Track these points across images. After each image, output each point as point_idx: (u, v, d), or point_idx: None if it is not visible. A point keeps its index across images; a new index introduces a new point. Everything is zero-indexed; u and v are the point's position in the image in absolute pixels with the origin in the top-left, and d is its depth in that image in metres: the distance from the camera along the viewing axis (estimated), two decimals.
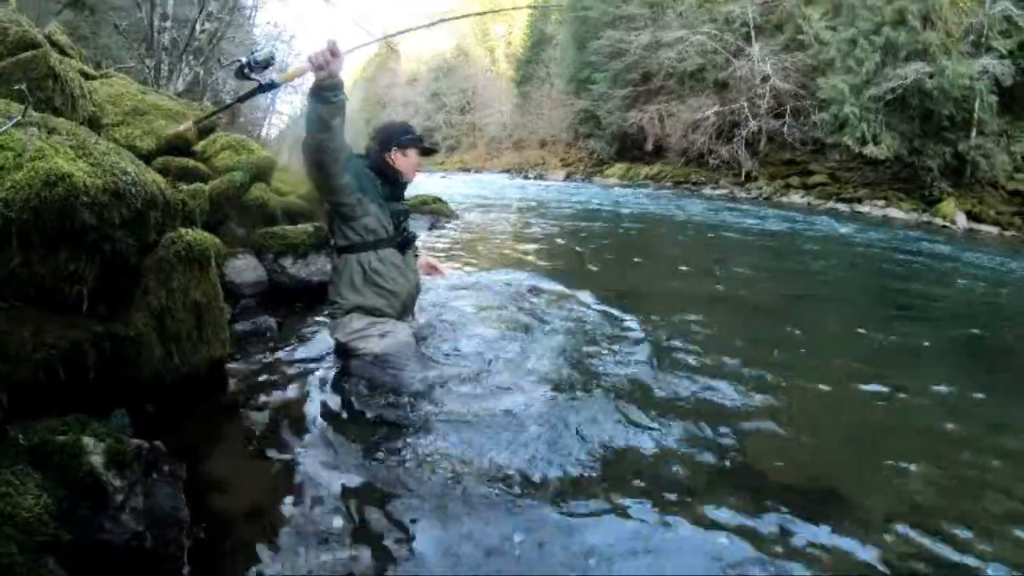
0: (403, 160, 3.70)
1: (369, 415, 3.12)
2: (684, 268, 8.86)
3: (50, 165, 1.85)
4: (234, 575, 1.96)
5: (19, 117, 2.01)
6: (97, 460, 1.79)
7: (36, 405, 1.94)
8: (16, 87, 2.25)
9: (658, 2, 37.74)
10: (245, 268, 4.88)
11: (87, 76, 4.89)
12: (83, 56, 7.32)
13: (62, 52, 5.33)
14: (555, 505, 2.44)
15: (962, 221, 20.93)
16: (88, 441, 1.82)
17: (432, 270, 4.33)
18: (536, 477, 2.63)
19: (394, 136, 3.71)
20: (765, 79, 30.46)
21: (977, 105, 21.99)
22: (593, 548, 2.20)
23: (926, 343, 5.42)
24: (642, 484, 2.63)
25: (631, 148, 38.95)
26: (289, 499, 2.35)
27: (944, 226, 20.43)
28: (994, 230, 20.41)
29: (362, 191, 3.42)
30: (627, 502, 2.49)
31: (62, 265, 1.99)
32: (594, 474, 2.67)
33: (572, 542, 2.23)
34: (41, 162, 1.85)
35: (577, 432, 3.01)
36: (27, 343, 1.97)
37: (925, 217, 21.73)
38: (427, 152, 3.91)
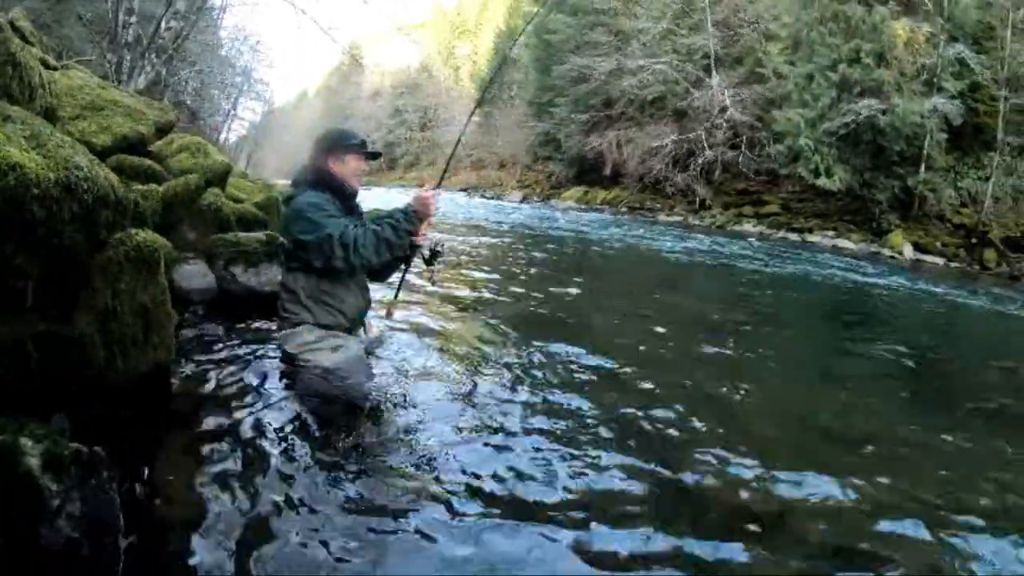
0: (343, 168, 3.65)
1: (315, 427, 3.10)
2: (632, 291, 8.99)
3: (1, 154, 1.81)
4: None
5: None
6: (34, 463, 1.74)
7: None
8: None
9: (623, 30, 38.28)
10: (195, 274, 4.79)
11: (47, 66, 4.77)
12: (45, 45, 7.16)
13: (24, 39, 5.17)
14: (498, 519, 2.45)
15: (909, 252, 21.59)
16: (26, 443, 1.76)
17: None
18: (480, 491, 2.63)
19: (332, 144, 3.69)
20: (723, 110, 31.05)
21: (927, 142, 22.82)
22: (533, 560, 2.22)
23: (869, 365, 5.57)
24: (584, 502, 2.65)
25: (589, 172, 39.26)
26: (229, 508, 2.32)
27: (892, 256, 21.08)
28: (940, 261, 21.11)
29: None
30: (570, 516, 2.51)
31: (7, 258, 1.94)
32: (543, 493, 2.68)
33: (517, 557, 2.24)
34: None
35: (523, 447, 3.03)
36: None
37: (874, 248, 22.38)
38: (370, 157, 3.86)
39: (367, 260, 3.37)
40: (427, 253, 3.78)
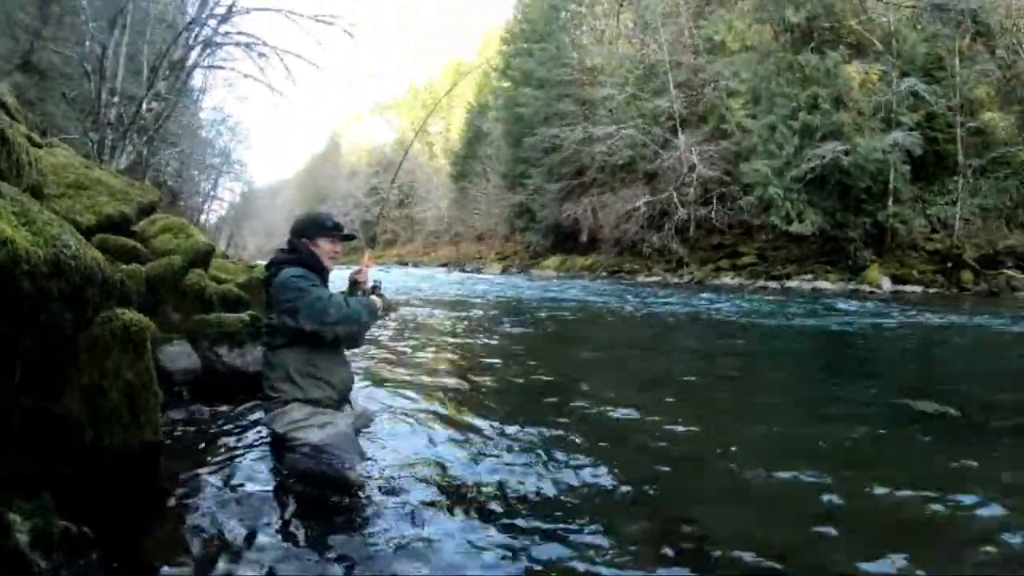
0: (316, 250, 3.78)
1: (304, 506, 3.09)
2: (615, 353, 9.04)
3: None
4: None
5: None
6: (23, 539, 1.75)
7: None
8: None
9: (589, 99, 39.23)
10: (179, 355, 4.81)
11: (33, 143, 4.86)
12: (29, 121, 7.25)
13: (9, 114, 5.27)
14: None
15: (887, 284, 21.94)
16: (15, 518, 1.77)
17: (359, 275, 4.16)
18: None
19: (305, 228, 3.85)
20: (692, 168, 31.58)
21: (892, 176, 23.46)
22: None
23: (858, 403, 5.60)
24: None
25: (566, 240, 39.69)
26: None
27: (871, 291, 21.31)
28: (918, 289, 21.42)
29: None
30: None
31: None
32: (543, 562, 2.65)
33: None
34: None
35: (521, 527, 2.98)
36: None
37: (852, 285, 22.66)
38: (344, 239, 3.98)
39: (349, 324, 3.60)
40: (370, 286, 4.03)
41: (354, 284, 4.02)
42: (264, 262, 9.38)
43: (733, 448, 4.08)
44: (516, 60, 46.94)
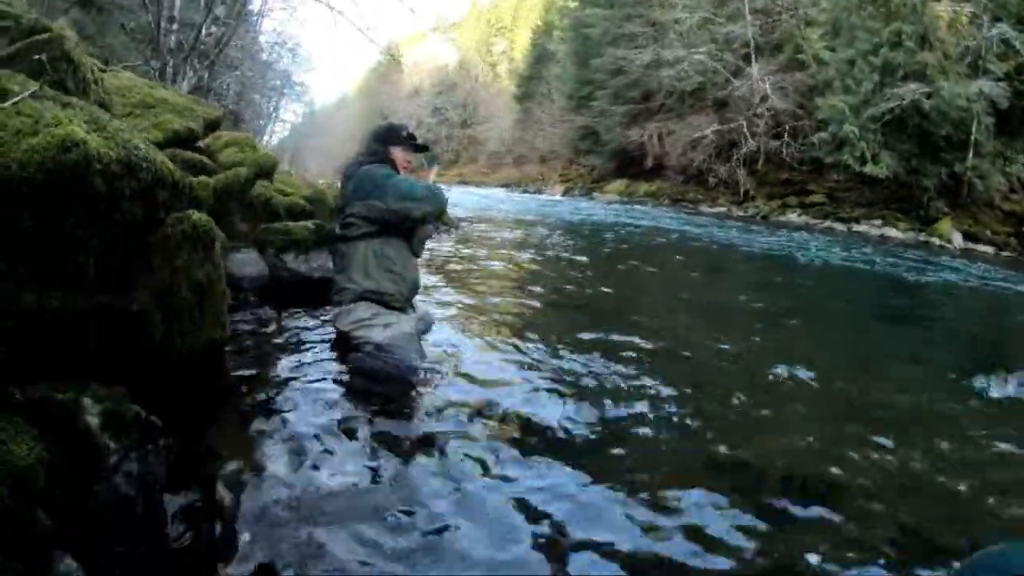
0: (392, 159, 3.85)
1: (368, 404, 3.13)
2: (675, 280, 8.95)
3: (66, 131, 1.88)
4: (217, 554, 1.95)
5: (36, 88, 2.05)
6: (94, 421, 1.80)
7: (35, 371, 1.93)
8: (35, 57, 2.29)
9: (659, 21, 37.95)
10: (247, 262, 4.91)
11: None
12: (90, 53, 7.36)
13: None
14: (562, 497, 2.46)
15: (958, 240, 21.10)
16: (87, 402, 1.83)
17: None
18: (538, 469, 2.65)
19: (384, 136, 3.92)
20: (764, 99, 30.65)
21: (974, 127, 22.11)
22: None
23: (920, 352, 5.47)
24: (634, 474, 2.67)
25: (630, 165, 39.03)
26: (280, 483, 2.36)
27: (941, 245, 20.59)
28: (990, 249, 20.60)
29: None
30: (621, 488, 2.52)
31: (70, 231, 2.01)
32: (599, 476, 2.66)
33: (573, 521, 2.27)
34: (57, 128, 1.88)
35: (578, 428, 3.05)
36: (31, 308, 1.99)
37: (922, 236, 21.88)
38: (418, 149, 4.05)
39: (435, 201, 3.71)
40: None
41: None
42: (324, 181, 9.51)
43: (780, 386, 4.05)
44: None
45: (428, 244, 4.44)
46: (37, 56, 2.26)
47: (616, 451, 2.83)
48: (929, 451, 3.12)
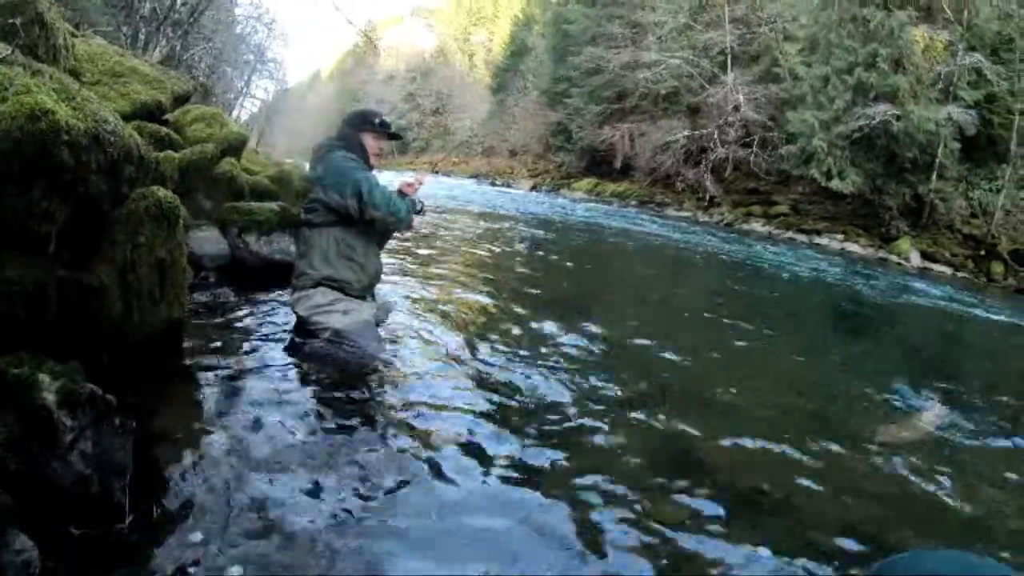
0: (364, 143, 3.84)
1: (321, 387, 3.16)
2: (635, 279, 9.05)
3: (35, 100, 1.86)
4: (173, 530, 1.95)
5: (7, 53, 2.02)
6: (50, 398, 1.79)
7: None
8: (10, 22, 2.25)
9: (640, 23, 38.09)
10: (208, 240, 4.86)
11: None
12: (62, 15, 7.21)
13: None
14: (506, 481, 2.52)
15: (916, 259, 21.57)
16: (44, 378, 1.81)
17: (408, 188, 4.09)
18: (489, 456, 2.70)
19: (355, 122, 3.89)
20: (737, 108, 30.94)
21: (940, 150, 22.59)
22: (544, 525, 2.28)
23: (871, 360, 5.60)
24: (593, 478, 2.69)
25: (600, 164, 39.15)
26: (235, 462, 2.36)
27: (899, 263, 21.09)
28: (947, 270, 21.08)
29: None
30: (582, 491, 2.56)
31: (35, 202, 1.99)
32: (548, 458, 2.74)
33: (530, 521, 2.29)
34: (26, 96, 1.86)
35: (529, 414, 3.11)
36: None
37: (881, 253, 22.34)
38: (390, 137, 4.06)
39: (395, 213, 3.60)
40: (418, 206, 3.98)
41: (400, 193, 3.95)
42: (291, 160, 9.42)
43: (732, 386, 4.13)
44: None
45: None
46: (11, 20, 2.21)
47: (560, 452, 2.85)
48: (863, 462, 3.21)
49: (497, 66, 64.22)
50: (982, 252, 21.96)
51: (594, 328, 5.02)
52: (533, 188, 40.19)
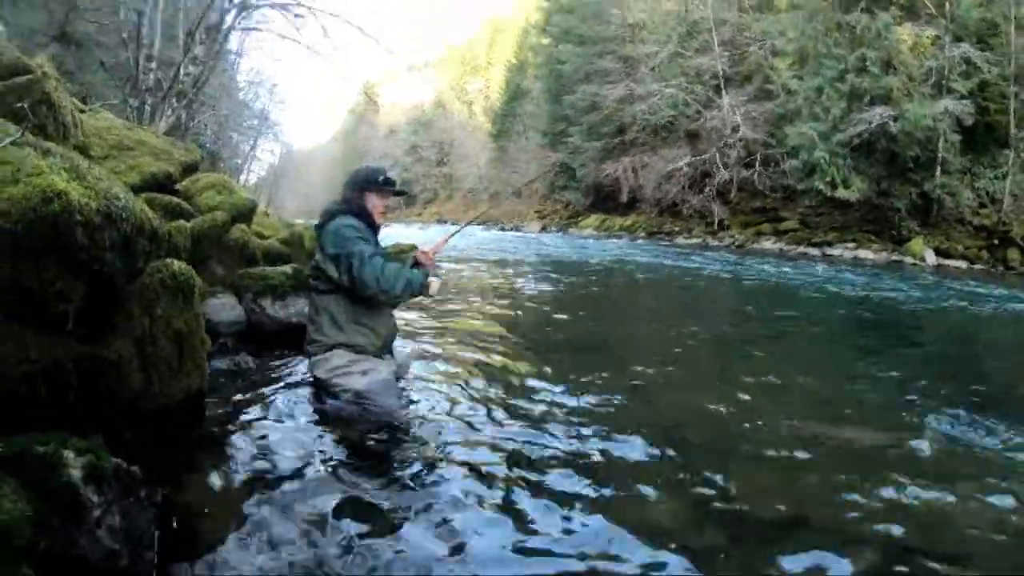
0: (367, 205, 3.82)
1: (345, 449, 3.14)
2: (655, 314, 9.01)
3: (47, 182, 1.92)
4: None
5: (17, 135, 2.08)
6: (76, 474, 1.80)
7: (14, 420, 1.95)
8: (18, 105, 2.32)
9: (631, 56, 38.52)
10: (224, 307, 4.90)
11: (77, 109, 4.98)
12: (69, 90, 7.40)
13: None
14: (525, 547, 2.43)
15: (931, 258, 21.41)
16: (68, 455, 1.82)
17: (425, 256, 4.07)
18: (512, 518, 2.63)
19: (360, 181, 3.87)
20: (735, 129, 31.03)
21: (940, 145, 22.54)
22: None
23: (897, 372, 5.50)
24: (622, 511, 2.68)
25: (606, 200, 39.34)
26: (262, 531, 2.35)
27: (914, 264, 20.90)
28: (963, 264, 20.92)
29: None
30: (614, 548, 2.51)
31: (51, 282, 2.04)
32: (583, 518, 2.64)
33: None
34: (38, 178, 1.92)
35: (552, 473, 3.03)
36: (9, 356, 2.01)
37: (895, 256, 22.19)
38: (396, 194, 4.05)
39: (388, 291, 3.52)
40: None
41: (416, 264, 3.95)
42: (302, 221, 9.51)
43: (760, 419, 4.03)
44: (556, 16, 46.22)
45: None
46: (20, 104, 2.29)
47: (595, 488, 2.84)
48: (892, 485, 3.13)
49: (496, 112, 64.94)
50: (995, 241, 21.86)
51: (616, 371, 4.95)
52: (542, 229, 40.23)
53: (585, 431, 3.59)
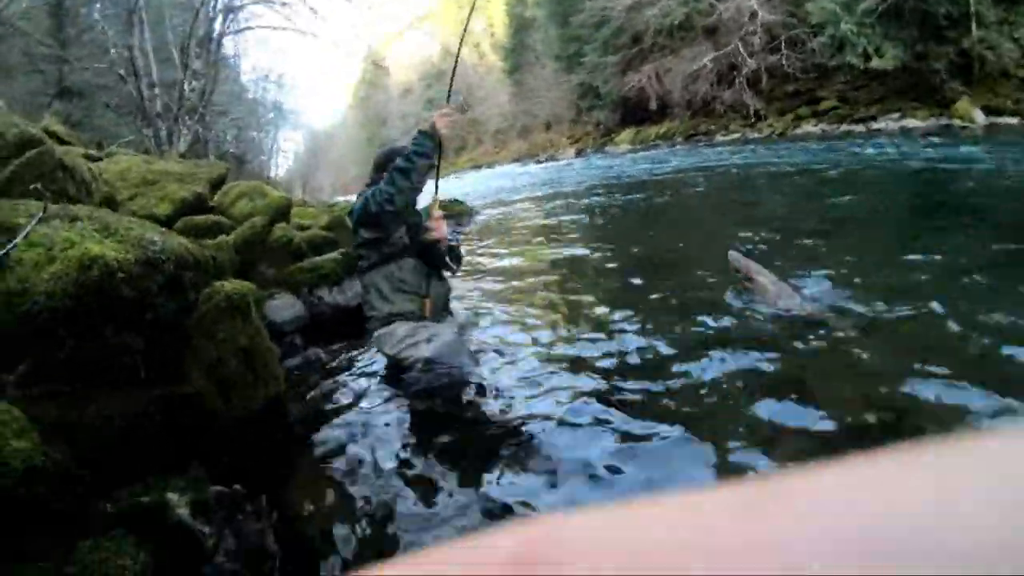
0: None
1: (431, 420, 3.16)
2: (709, 222, 8.81)
3: (81, 252, 1.92)
4: None
5: (40, 214, 2.08)
6: (184, 512, 1.86)
7: (117, 473, 1.99)
8: (32, 186, 2.30)
9: None
10: (283, 306, 4.97)
11: (91, 158, 5.03)
12: (82, 141, 7.50)
13: (61, 141, 5.49)
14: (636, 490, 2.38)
15: (980, 118, 20.45)
16: (172, 496, 1.88)
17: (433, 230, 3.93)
18: (592, 473, 2.54)
19: (383, 164, 3.83)
20: (753, 15, 30.04)
21: None
22: None
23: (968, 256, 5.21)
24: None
25: (635, 112, 38.60)
26: (367, 519, 2.37)
27: (964, 126, 19.95)
28: (1014, 120, 19.94)
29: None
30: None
31: (110, 340, 2.05)
32: (657, 468, 2.53)
33: None
34: (72, 250, 1.92)
35: (630, 411, 2.96)
36: (95, 419, 2.04)
37: (943, 121, 21.23)
38: None
39: (394, 194, 3.46)
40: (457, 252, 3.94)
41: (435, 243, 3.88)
42: (342, 198, 9.57)
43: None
44: None
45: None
46: (33, 186, 2.27)
47: (678, 435, 2.69)
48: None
49: (504, 48, 63.83)
50: None
51: (692, 287, 4.84)
52: (578, 155, 39.79)
53: (663, 366, 3.46)
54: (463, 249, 3.99)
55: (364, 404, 3.50)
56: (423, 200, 3.81)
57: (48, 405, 1.92)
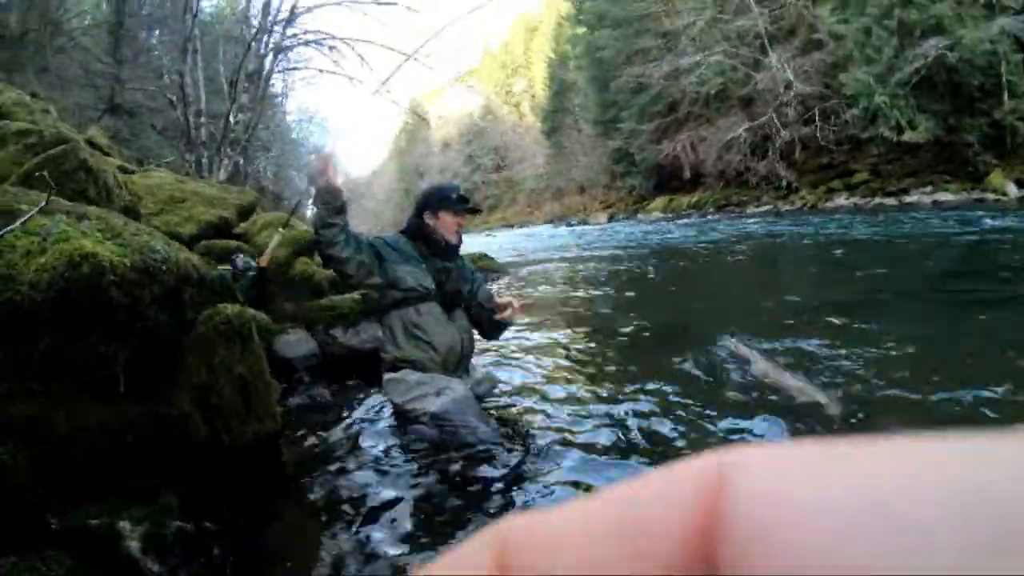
0: (438, 223, 3.71)
1: (433, 480, 3.01)
2: (735, 292, 8.73)
3: (74, 246, 1.91)
4: None
5: (42, 203, 2.09)
6: (134, 545, 1.78)
7: (78, 489, 1.94)
8: (37, 174, 2.33)
9: (670, 30, 37.92)
10: (296, 342, 4.93)
11: (125, 170, 5.08)
12: (124, 155, 7.65)
13: (102, 152, 5.56)
14: None
15: (1013, 190, 20.30)
16: (124, 525, 1.81)
17: (510, 308, 3.85)
18: None
19: (426, 201, 3.78)
20: (788, 86, 30.26)
21: (1003, 68, 21.42)
22: None
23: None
24: None
25: (669, 179, 38.84)
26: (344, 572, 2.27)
27: (996, 199, 19.74)
28: None
29: (380, 260, 3.54)
30: None
31: (94, 346, 2.04)
32: None
33: None
34: (65, 244, 1.91)
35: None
36: (63, 427, 2.00)
37: (975, 194, 21.03)
38: (469, 212, 3.88)
39: (322, 241, 3.46)
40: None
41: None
42: None
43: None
44: (587, 3, 45.79)
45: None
46: (38, 173, 2.31)
47: None
48: None
49: (544, 109, 64.73)
50: None
51: (710, 355, 4.76)
52: (609, 219, 39.86)
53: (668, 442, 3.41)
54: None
55: (364, 455, 3.37)
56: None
57: (14, 403, 1.89)
